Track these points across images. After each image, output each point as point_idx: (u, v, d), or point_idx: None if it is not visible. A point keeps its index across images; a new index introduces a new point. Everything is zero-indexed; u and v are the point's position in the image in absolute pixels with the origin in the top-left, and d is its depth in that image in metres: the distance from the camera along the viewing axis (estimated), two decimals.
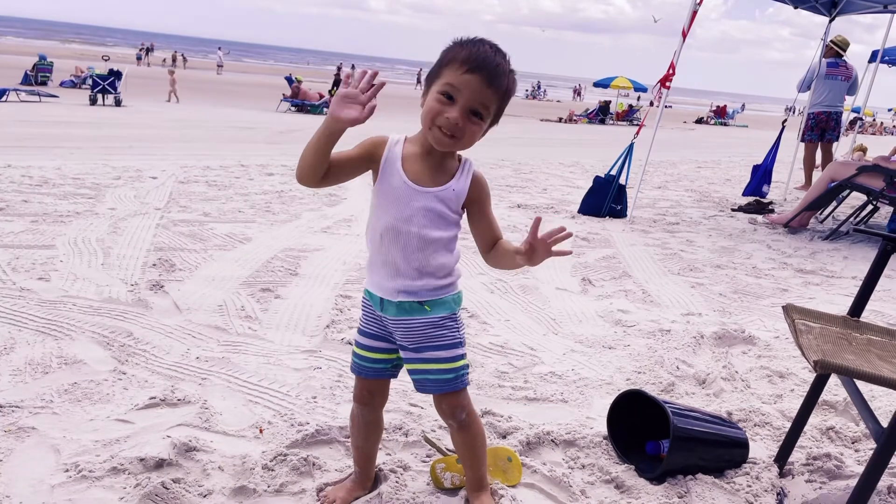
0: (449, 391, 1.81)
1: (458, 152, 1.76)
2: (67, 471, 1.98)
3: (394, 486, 1.98)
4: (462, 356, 1.81)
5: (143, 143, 9.75)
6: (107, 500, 1.86)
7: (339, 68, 37.13)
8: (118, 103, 16.50)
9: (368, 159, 1.73)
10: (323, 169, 1.67)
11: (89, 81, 17.65)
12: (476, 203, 1.77)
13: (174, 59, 48.21)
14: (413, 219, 1.70)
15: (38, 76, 20.55)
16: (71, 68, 23.61)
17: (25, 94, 16.20)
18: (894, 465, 2.25)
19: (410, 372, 1.84)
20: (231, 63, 59.91)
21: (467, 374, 1.83)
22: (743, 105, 68.95)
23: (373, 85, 1.57)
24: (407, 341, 1.80)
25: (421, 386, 1.83)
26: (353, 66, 50.87)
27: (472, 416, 1.87)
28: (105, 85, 16.49)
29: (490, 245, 1.81)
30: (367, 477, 2.01)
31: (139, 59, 45.36)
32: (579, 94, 54.99)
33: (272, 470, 2.04)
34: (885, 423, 1.68)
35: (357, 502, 1.95)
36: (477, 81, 1.60)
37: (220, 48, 54.65)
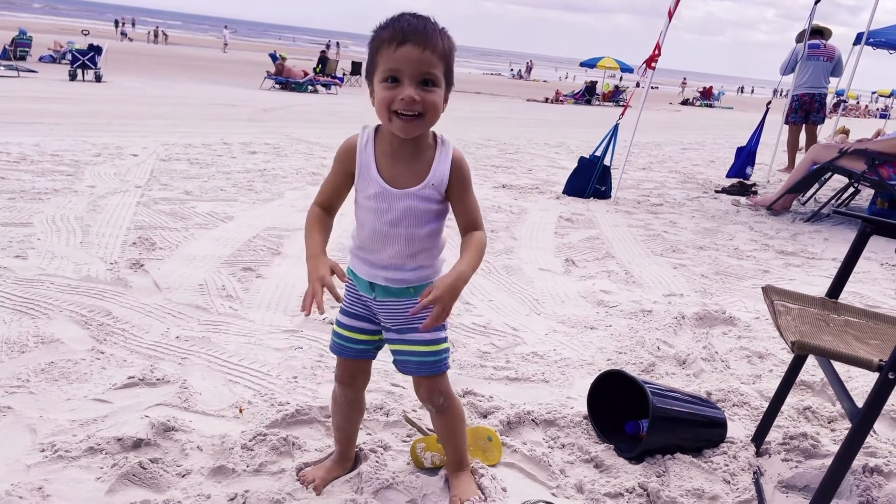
0: (429, 374, 1.81)
1: (434, 131, 1.71)
2: (44, 450, 1.96)
3: (374, 466, 1.98)
4: (444, 340, 1.81)
5: (124, 120, 9.62)
6: (83, 480, 1.85)
7: (327, 46, 36.88)
8: (98, 79, 16.24)
9: (347, 173, 1.71)
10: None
11: (69, 56, 17.34)
12: (454, 187, 1.69)
13: (156, 35, 47.62)
14: (399, 222, 1.67)
15: (16, 51, 20.14)
16: (50, 43, 23.20)
17: (3, 70, 15.90)
18: (869, 444, 2.28)
19: (393, 352, 1.84)
20: (214, 39, 59.29)
21: (448, 358, 1.83)
22: (741, 87, 69.19)
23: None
24: (391, 322, 1.79)
25: (403, 367, 1.84)
26: (337, 44, 50.43)
27: (450, 400, 1.87)
28: (85, 60, 16.22)
29: (464, 230, 1.75)
30: (347, 457, 2.01)
31: (124, 34, 44.72)
32: (530, 71, 55.47)
33: (251, 450, 2.04)
34: (860, 404, 1.69)
35: (337, 482, 1.94)
36: (411, 51, 1.53)
37: (226, 27, 54.39)
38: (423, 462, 2.05)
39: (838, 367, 1.95)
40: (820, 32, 9.22)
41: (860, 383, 2.80)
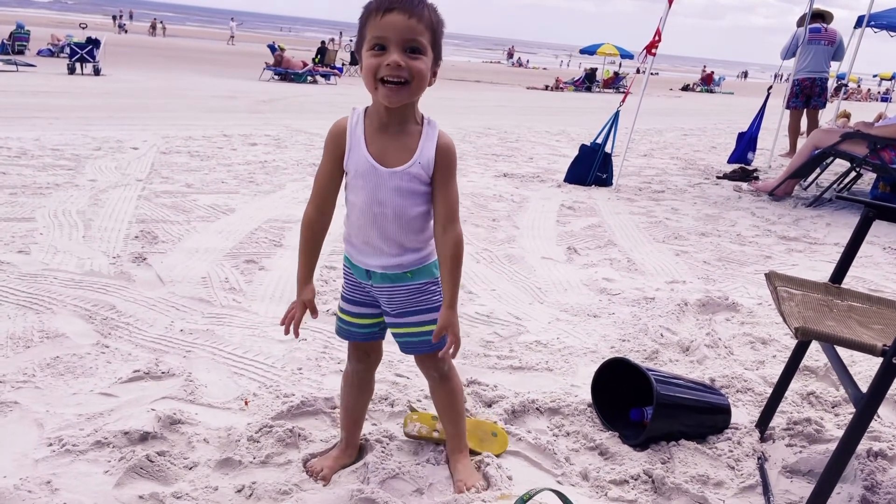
0: (435, 350, 1.83)
1: (421, 112, 1.72)
2: (51, 445, 1.97)
3: (379, 456, 1.99)
4: None
5: (124, 113, 9.60)
6: (91, 474, 1.86)
7: (331, 40, 36.96)
8: (97, 72, 16.20)
9: (338, 154, 1.72)
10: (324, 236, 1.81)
11: (67, 50, 17.29)
12: (439, 170, 1.69)
13: (154, 27, 47.44)
14: (387, 201, 1.69)
15: (14, 45, 20.08)
16: (48, 37, 23.13)
17: (2, 64, 15.86)
18: (873, 429, 2.29)
19: (395, 335, 1.87)
20: (213, 31, 59.25)
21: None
22: (745, 72, 69.50)
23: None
24: (391, 307, 1.81)
25: (406, 348, 1.88)
26: (340, 34, 50.29)
27: (452, 368, 1.93)
28: (83, 53, 16.17)
29: (442, 223, 1.72)
30: (353, 445, 2.02)
31: (121, 27, 44.64)
32: (511, 56, 55.66)
33: (258, 441, 2.05)
34: (864, 388, 1.70)
35: (343, 472, 1.96)
36: (397, 18, 1.56)
37: (232, 19, 54.99)
38: (411, 430, 2.10)
39: (842, 351, 1.95)
40: (821, 16, 9.16)
41: (864, 367, 2.80)
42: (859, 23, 10.31)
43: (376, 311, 1.86)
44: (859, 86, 46.12)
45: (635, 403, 2.32)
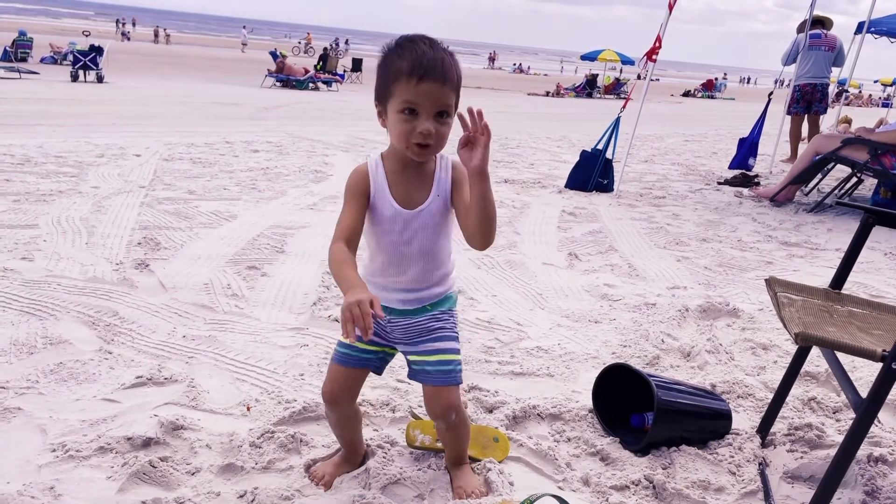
0: (445, 385, 1.81)
1: None
2: (54, 451, 1.98)
3: (381, 462, 2.00)
4: (457, 350, 1.84)
5: (126, 120, 9.63)
6: (94, 480, 1.87)
7: (338, 43, 37.21)
8: (100, 80, 16.26)
9: (364, 196, 1.73)
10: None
11: (70, 57, 17.36)
12: (456, 191, 1.76)
13: (156, 35, 47.63)
14: (413, 239, 1.74)
15: (17, 52, 20.18)
16: (57, 43, 23.23)
17: (5, 71, 15.93)
18: (874, 434, 2.29)
19: (411, 363, 1.86)
20: (213, 38, 59.52)
21: (461, 371, 1.85)
22: (747, 78, 69.71)
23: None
24: (406, 336, 1.83)
25: (419, 376, 1.85)
26: (346, 41, 50.49)
27: (461, 415, 1.88)
28: (86, 61, 16.23)
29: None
30: (356, 453, 2.03)
31: (124, 34, 44.85)
32: (493, 61, 56.18)
33: (260, 447, 2.05)
34: (865, 393, 1.70)
35: (345, 478, 1.96)
36: (431, 87, 1.60)
37: (244, 27, 56.04)
38: (415, 440, 2.10)
39: (843, 357, 1.96)
40: (821, 22, 9.20)
41: (865, 373, 2.80)
42: (859, 29, 10.34)
43: (383, 340, 1.86)
44: (860, 91, 46.11)
45: (636, 409, 2.33)
